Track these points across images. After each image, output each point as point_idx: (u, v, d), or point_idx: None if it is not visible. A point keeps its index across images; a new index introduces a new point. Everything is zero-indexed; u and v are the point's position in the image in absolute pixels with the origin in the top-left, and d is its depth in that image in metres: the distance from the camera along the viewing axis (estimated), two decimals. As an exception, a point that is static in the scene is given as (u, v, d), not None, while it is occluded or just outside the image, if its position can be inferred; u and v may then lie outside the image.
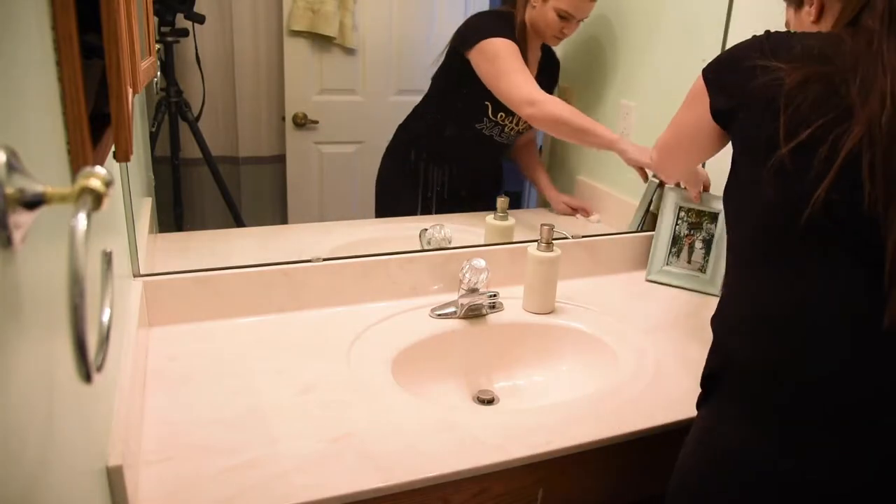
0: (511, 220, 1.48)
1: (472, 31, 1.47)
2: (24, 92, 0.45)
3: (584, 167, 1.74)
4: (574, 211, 1.66)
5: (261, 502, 0.80)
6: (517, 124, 1.56)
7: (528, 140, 1.67)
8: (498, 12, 1.54)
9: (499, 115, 1.54)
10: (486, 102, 1.51)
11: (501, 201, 1.47)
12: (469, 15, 1.53)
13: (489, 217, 1.48)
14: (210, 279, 1.21)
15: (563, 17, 1.45)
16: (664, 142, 1.08)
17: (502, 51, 1.44)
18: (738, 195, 0.87)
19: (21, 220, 0.37)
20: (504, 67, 1.44)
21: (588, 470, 0.99)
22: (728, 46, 1.46)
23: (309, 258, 1.29)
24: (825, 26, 0.87)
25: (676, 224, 1.52)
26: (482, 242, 1.47)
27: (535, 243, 1.31)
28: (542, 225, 1.30)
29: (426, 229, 1.44)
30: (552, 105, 1.44)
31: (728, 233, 0.90)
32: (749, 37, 0.86)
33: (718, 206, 1.47)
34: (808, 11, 0.90)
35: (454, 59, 1.49)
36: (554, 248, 1.31)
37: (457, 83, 1.52)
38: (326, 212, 1.58)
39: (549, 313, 1.33)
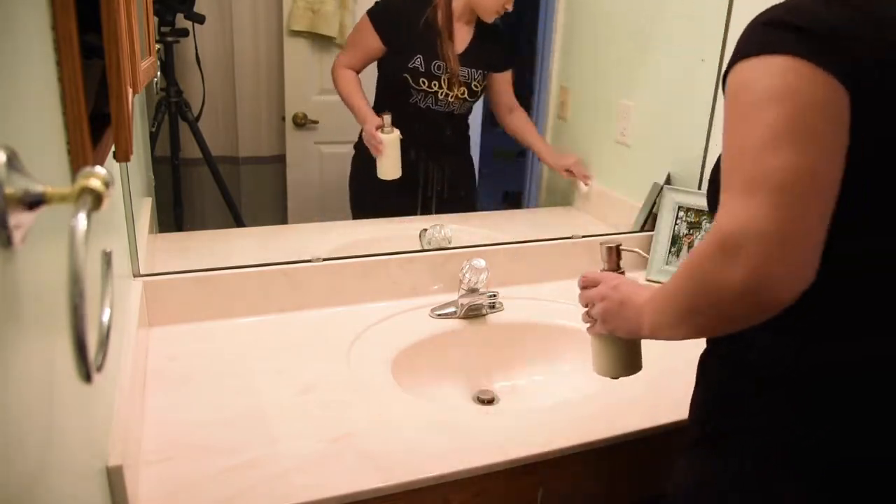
0: (396, 132, 1.47)
1: (377, 3, 1.50)
2: (24, 92, 0.45)
3: (585, 167, 1.73)
4: (573, 175, 1.68)
5: (261, 502, 0.80)
6: (450, 88, 1.54)
7: (509, 108, 1.65)
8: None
9: (421, 82, 1.52)
10: (404, 75, 1.51)
11: (386, 118, 1.46)
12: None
13: (379, 132, 1.48)
14: (210, 279, 1.21)
15: None
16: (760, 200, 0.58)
17: (360, 29, 1.50)
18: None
19: (21, 220, 0.37)
20: (350, 40, 1.51)
21: (588, 470, 0.99)
22: (729, 46, 1.47)
23: (309, 258, 1.29)
24: None
25: (676, 223, 1.52)
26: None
27: None
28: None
29: (426, 229, 1.44)
30: (335, 73, 1.50)
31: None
32: None
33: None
34: None
35: None
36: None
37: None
38: (326, 212, 1.58)
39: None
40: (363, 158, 1.53)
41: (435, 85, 1.53)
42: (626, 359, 0.91)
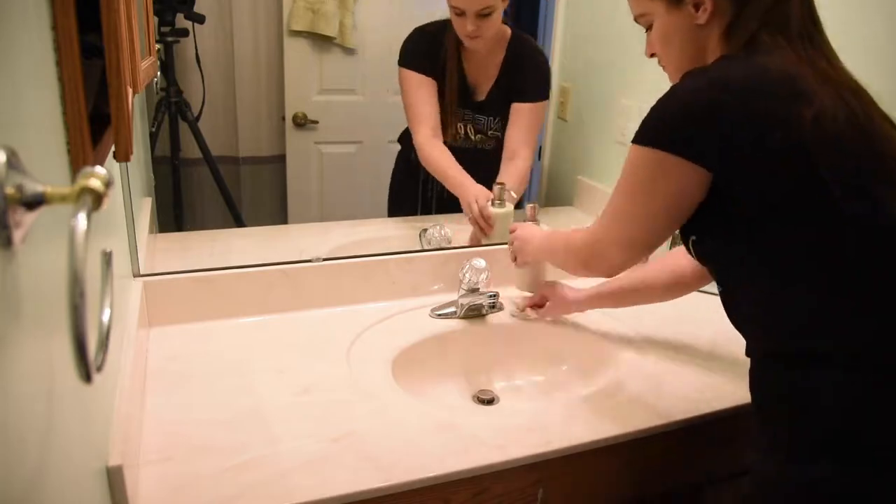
0: (509, 207, 1.44)
1: (400, 51, 1.47)
2: (24, 92, 0.45)
3: (585, 167, 1.74)
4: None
5: (261, 502, 0.80)
6: (474, 134, 1.52)
7: (511, 152, 1.51)
8: (435, 25, 1.47)
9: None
10: None
11: (498, 189, 1.43)
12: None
13: (487, 204, 1.46)
14: (210, 279, 1.21)
15: (458, 13, 1.38)
16: (629, 236, 0.91)
17: (404, 83, 1.47)
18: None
19: (21, 220, 0.37)
20: (405, 101, 1.48)
21: (588, 470, 0.99)
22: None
23: (309, 258, 1.29)
24: (712, 35, 0.85)
25: (676, 224, 1.52)
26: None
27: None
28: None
29: (426, 229, 1.44)
30: (427, 150, 1.47)
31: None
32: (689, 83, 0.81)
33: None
34: (693, 14, 0.85)
35: None
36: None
37: None
38: (326, 212, 1.58)
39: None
40: (399, 158, 1.57)
41: (465, 128, 1.51)
42: (530, 282, 1.35)
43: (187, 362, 1.09)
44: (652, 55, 0.95)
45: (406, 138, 1.57)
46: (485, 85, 1.50)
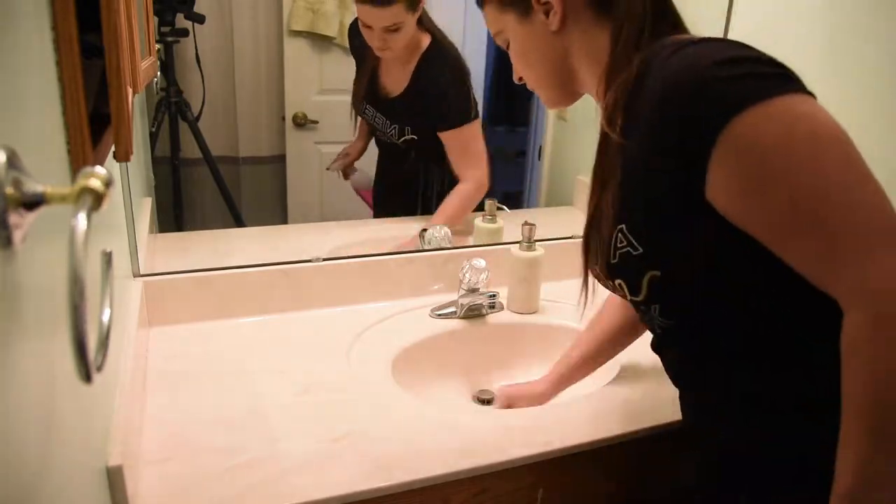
0: (500, 223, 1.47)
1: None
2: (24, 92, 0.45)
3: (585, 167, 1.73)
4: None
5: (261, 502, 0.80)
6: (387, 129, 1.49)
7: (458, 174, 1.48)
8: None
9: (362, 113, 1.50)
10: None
11: (489, 204, 1.45)
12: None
13: (478, 219, 1.48)
14: (210, 279, 1.21)
15: (365, 26, 1.36)
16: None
17: None
18: None
19: (21, 220, 0.37)
20: None
21: (588, 470, 0.99)
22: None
23: (309, 258, 1.29)
24: (572, 43, 0.78)
25: (676, 224, 1.52)
26: (481, 243, 1.47)
27: (518, 244, 1.31)
28: (523, 224, 1.30)
29: (426, 229, 1.44)
30: None
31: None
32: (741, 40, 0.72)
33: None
34: (545, 21, 0.78)
35: None
36: (536, 247, 1.31)
37: None
38: (326, 212, 1.58)
39: (533, 313, 1.33)
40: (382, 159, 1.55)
41: (375, 116, 1.49)
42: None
43: (187, 362, 1.09)
44: (520, 80, 0.87)
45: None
46: (395, 90, 1.46)
